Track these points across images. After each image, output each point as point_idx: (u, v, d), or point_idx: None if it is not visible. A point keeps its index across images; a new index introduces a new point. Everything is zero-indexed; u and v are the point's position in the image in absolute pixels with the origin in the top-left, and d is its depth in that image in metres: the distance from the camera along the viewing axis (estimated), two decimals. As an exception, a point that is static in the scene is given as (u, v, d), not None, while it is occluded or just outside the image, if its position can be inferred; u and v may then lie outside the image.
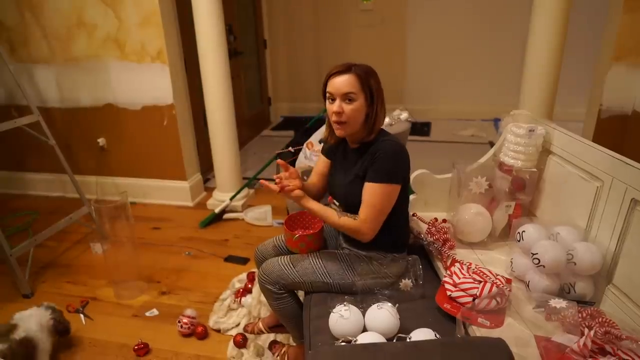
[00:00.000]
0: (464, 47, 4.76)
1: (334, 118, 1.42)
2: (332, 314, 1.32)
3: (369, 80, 1.39)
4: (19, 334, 1.64)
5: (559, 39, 2.28)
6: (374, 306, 1.32)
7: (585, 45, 3.72)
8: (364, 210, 1.41)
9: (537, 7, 2.31)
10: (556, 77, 2.36)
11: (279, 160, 1.51)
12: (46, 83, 3.16)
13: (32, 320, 1.71)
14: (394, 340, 1.27)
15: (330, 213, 1.45)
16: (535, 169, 1.69)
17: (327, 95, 1.43)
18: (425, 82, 4.99)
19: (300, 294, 1.70)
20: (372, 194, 1.39)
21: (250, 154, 4.26)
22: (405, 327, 1.29)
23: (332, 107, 1.41)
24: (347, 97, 1.38)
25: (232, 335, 1.97)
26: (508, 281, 1.40)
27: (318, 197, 1.67)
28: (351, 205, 1.50)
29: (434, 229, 1.73)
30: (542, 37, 2.30)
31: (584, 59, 3.68)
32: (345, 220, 1.43)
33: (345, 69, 1.39)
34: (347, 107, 1.39)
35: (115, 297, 2.29)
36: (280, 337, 1.94)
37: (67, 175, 2.77)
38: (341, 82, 1.38)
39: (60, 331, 1.85)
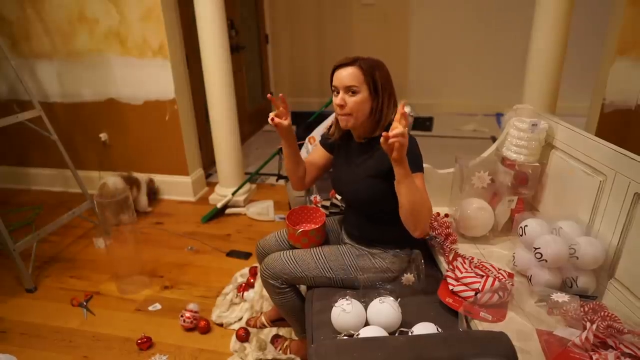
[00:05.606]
0: (466, 42, 4.73)
1: (337, 110, 1.43)
2: (334, 308, 1.32)
3: (373, 73, 1.38)
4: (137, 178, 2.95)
5: (562, 33, 2.26)
6: (376, 300, 1.32)
7: (589, 38, 3.69)
8: None
9: (540, 0, 2.29)
10: (559, 71, 2.35)
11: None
12: (48, 78, 3.16)
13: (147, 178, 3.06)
14: (396, 335, 1.27)
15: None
16: (538, 164, 1.69)
17: (332, 88, 1.43)
18: (428, 77, 4.97)
19: (303, 288, 1.71)
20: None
21: (252, 149, 4.26)
22: (407, 322, 1.30)
23: (336, 99, 1.41)
24: (349, 90, 1.38)
25: (234, 330, 1.98)
26: (510, 275, 1.40)
27: (304, 185, 1.66)
28: (361, 202, 1.49)
29: (436, 223, 1.72)
30: (545, 31, 2.28)
31: (588, 52, 3.65)
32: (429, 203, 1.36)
33: (350, 61, 1.39)
34: (350, 99, 1.39)
35: (118, 292, 2.30)
36: (282, 331, 1.94)
37: (69, 170, 2.77)
38: (344, 75, 1.38)
39: (150, 190, 3.12)
